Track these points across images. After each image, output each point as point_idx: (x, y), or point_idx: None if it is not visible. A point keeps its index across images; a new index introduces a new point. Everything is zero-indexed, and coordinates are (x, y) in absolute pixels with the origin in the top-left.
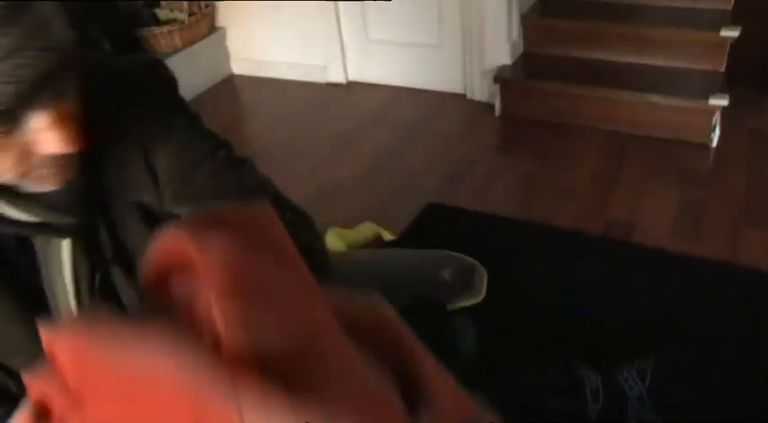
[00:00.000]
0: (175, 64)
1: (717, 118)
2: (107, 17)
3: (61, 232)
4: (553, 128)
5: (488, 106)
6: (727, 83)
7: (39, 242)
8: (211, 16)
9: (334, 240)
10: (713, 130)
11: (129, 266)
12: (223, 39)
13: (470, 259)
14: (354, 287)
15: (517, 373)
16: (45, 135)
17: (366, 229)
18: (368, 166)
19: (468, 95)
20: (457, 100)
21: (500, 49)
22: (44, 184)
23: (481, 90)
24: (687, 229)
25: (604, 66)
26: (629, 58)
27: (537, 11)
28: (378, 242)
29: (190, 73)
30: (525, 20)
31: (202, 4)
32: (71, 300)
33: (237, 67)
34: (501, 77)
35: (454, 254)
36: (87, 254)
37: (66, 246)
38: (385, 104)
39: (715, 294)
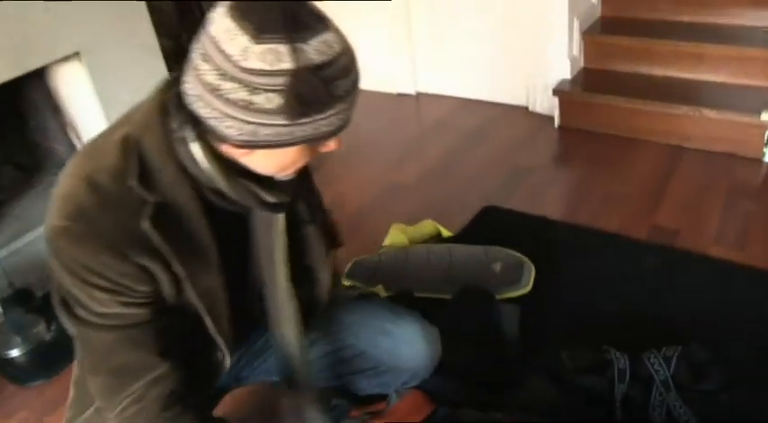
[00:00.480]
0: None
1: None
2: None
3: (281, 208)
4: (610, 140)
5: (549, 118)
6: None
7: (259, 219)
8: None
9: (397, 235)
10: (766, 144)
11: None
12: None
13: (520, 255)
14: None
15: (552, 351)
16: (335, 142)
17: (427, 226)
18: (431, 170)
19: (531, 108)
20: (519, 112)
21: (561, 64)
22: (292, 174)
23: (542, 103)
24: (732, 238)
25: (660, 81)
26: (684, 73)
27: (597, 28)
28: (437, 238)
29: None
30: (586, 36)
31: None
32: (282, 257)
33: None
34: (560, 90)
35: (505, 250)
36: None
37: (280, 218)
38: (451, 114)
39: (753, 299)
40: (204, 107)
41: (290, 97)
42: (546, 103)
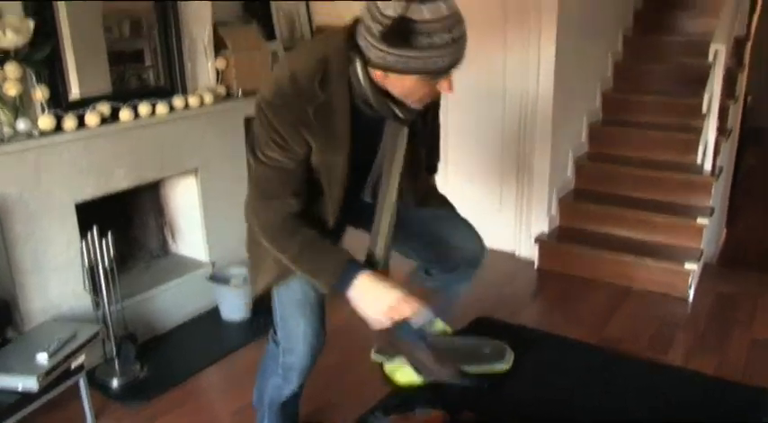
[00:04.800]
0: None
1: (692, 279)
2: None
3: (405, 123)
4: (576, 280)
5: (530, 262)
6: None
7: (390, 128)
8: None
9: None
10: (689, 288)
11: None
12: None
13: (504, 344)
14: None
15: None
16: (446, 83)
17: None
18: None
19: (517, 253)
20: (507, 256)
21: (542, 222)
22: (418, 105)
23: (526, 250)
24: (659, 346)
25: (616, 238)
26: (633, 233)
27: (570, 196)
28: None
29: None
30: (561, 202)
31: None
32: (400, 157)
33: None
34: (540, 240)
35: (494, 340)
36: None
37: (405, 131)
38: None
39: (668, 386)
40: (362, 40)
41: (386, 31)
42: (529, 251)
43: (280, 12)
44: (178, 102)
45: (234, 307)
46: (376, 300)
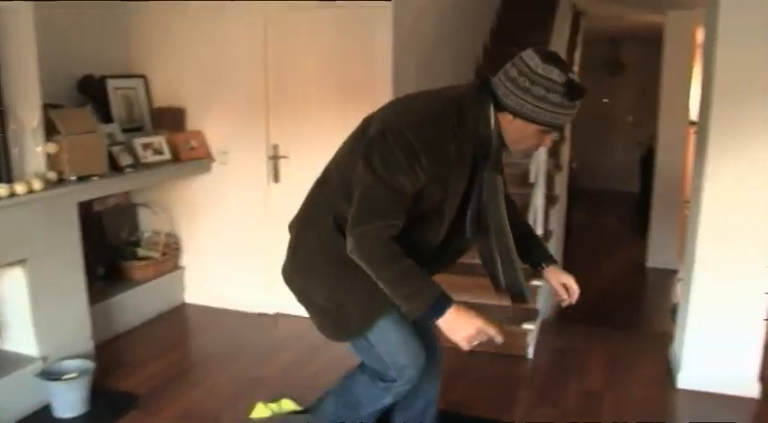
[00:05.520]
0: (145, 290)
1: (530, 338)
2: (101, 251)
3: (502, 172)
4: None
5: None
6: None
7: (488, 173)
8: (176, 257)
9: (262, 410)
10: (528, 346)
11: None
12: (183, 275)
13: None
14: None
15: None
16: (548, 139)
17: (285, 404)
18: (288, 366)
19: None
20: None
21: None
22: (521, 154)
23: None
24: (502, 407)
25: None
26: (472, 298)
27: None
28: (292, 412)
29: (154, 298)
30: None
31: (171, 246)
32: (502, 198)
33: (189, 298)
34: None
35: None
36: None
37: (500, 179)
38: (303, 332)
39: None
40: (503, 88)
41: (532, 83)
42: None
43: (117, 93)
44: (2, 190)
45: (68, 404)
46: (464, 328)
